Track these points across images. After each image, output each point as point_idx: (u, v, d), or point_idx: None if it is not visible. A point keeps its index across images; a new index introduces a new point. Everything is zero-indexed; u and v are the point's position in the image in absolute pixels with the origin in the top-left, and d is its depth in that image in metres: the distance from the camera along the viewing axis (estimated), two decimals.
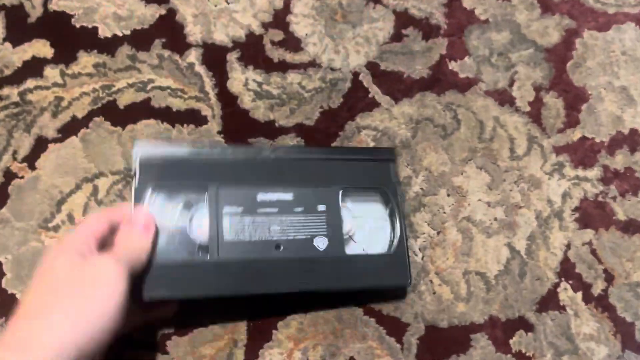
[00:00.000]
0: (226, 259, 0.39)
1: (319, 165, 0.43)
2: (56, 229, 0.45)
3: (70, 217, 0.46)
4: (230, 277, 0.39)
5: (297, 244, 0.41)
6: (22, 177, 0.47)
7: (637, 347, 0.44)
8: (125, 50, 0.51)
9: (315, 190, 0.42)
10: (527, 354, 0.44)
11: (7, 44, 0.51)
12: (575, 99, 0.50)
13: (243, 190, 0.41)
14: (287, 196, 0.42)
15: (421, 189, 0.47)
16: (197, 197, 0.40)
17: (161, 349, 0.43)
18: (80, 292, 0.32)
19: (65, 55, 0.50)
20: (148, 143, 0.40)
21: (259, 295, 0.41)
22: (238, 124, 0.49)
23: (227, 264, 0.39)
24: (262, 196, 0.41)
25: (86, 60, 0.50)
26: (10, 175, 0.47)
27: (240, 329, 0.43)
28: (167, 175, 0.40)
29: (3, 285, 0.44)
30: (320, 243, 0.41)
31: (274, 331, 0.43)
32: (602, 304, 0.45)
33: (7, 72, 0.50)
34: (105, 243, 0.37)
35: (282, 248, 0.40)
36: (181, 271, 0.38)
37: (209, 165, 0.41)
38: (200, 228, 0.40)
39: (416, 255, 0.46)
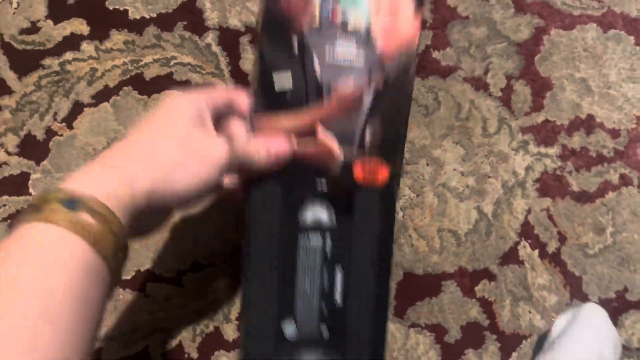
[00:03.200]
0: None
1: None
2: None
3: None
4: None
5: None
6: (61, 135, 0.54)
7: (583, 297, 0.52)
8: (151, 30, 0.58)
9: None
10: (489, 300, 0.52)
11: (49, 21, 0.58)
12: (541, 88, 0.58)
13: None
14: None
15: (405, 158, 0.55)
16: None
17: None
18: (192, 154, 0.35)
19: (99, 32, 0.58)
20: None
21: None
22: None
23: None
24: None
25: (117, 38, 0.58)
26: (51, 133, 0.54)
27: None
28: None
29: None
30: None
31: None
32: (555, 260, 0.53)
33: (49, 45, 0.57)
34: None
35: None
36: None
37: None
38: None
39: (397, 213, 0.53)
